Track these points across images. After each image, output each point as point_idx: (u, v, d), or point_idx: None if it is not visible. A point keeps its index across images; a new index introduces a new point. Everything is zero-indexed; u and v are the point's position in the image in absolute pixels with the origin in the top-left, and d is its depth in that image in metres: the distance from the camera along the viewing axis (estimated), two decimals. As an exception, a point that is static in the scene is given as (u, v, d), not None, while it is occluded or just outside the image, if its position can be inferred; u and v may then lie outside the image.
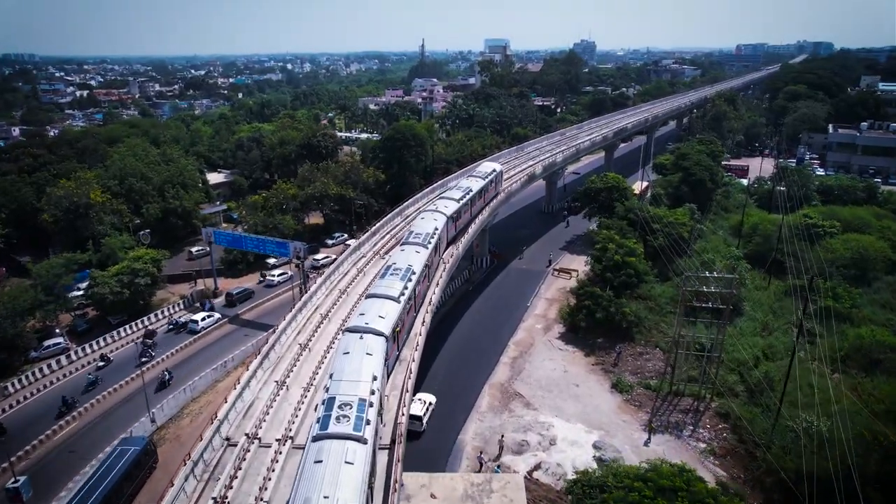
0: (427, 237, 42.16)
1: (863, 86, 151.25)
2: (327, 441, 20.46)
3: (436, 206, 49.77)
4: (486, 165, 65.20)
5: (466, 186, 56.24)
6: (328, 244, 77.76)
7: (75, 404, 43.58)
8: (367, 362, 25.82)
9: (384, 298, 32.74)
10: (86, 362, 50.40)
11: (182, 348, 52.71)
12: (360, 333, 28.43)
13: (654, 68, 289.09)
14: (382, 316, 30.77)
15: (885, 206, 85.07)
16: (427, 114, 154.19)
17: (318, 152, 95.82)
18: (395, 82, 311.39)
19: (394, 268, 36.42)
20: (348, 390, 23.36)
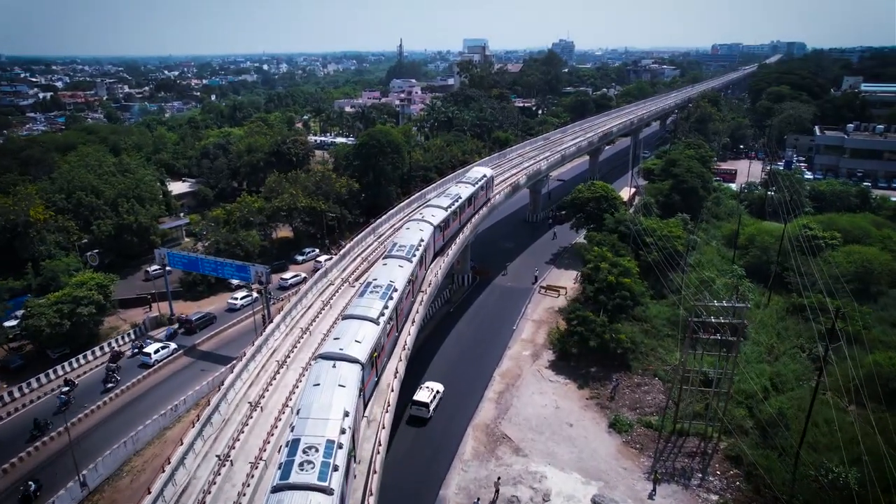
0: (412, 249, 39.81)
1: (845, 87, 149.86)
2: (287, 493, 18.66)
3: (422, 215, 47.11)
4: (476, 170, 62.12)
5: (455, 193, 53.52)
6: (298, 260, 72.26)
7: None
8: (339, 395, 23.77)
9: (362, 320, 30.52)
10: (20, 405, 44.33)
11: (130, 386, 46.89)
12: (333, 361, 26.25)
13: (634, 68, 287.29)
14: (359, 340, 28.58)
15: (878, 212, 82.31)
16: (405, 116, 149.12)
17: (288, 160, 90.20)
18: (373, 83, 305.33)
19: (374, 285, 34.06)
20: (315, 430, 21.21)
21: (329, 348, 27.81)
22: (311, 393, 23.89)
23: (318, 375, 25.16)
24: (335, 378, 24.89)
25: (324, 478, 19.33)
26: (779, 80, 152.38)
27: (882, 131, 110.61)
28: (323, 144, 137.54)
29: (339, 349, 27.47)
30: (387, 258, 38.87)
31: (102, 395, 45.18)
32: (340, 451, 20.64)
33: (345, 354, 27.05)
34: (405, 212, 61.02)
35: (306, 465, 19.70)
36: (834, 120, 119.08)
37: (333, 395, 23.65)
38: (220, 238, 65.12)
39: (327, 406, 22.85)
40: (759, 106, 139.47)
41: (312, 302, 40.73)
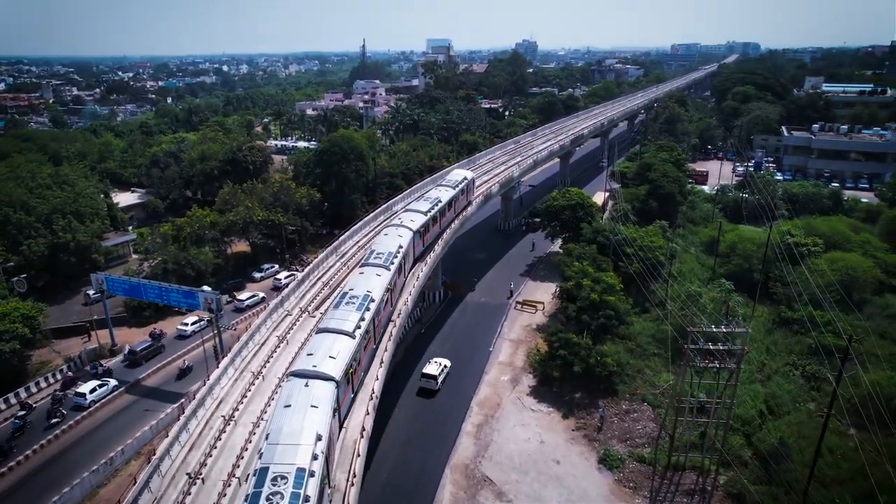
0: (390, 257, 38.41)
1: (807, 87, 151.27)
2: None
3: (401, 220, 45.64)
4: (457, 173, 60.91)
5: (435, 197, 52.22)
6: (256, 278, 67.02)
7: None
8: (311, 418, 22.43)
9: (337, 333, 29.04)
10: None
11: (59, 434, 41.25)
12: (305, 379, 24.80)
13: (598, 68, 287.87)
14: (333, 356, 27.13)
15: (851, 214, 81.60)
16: (369, 119, 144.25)
17: (245, 168, 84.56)
18: (336, 84, 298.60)
19: (350, 296, 32.49)
20: (285, 458, 20.04)
21: (301, 365, 26.15)
22: (281, 415, 22.51)
23: (289, 396, 23.77)
24: (307, 398, 23.52)
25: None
26: (743, 81, 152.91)
27: (846, 132, 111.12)
28: (284, 149, 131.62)
29: (313, 366, 25.99)
30: (364, 266, 37.07)
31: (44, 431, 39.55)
32: (312, 480, 19.43)
33: (318, 372, 25.59)
34: (371, 226, 56.56)
35: (274, 497, 18.42)
36: (799, 120, 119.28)
37: (305, 418, 22.32)
38: (168, 257, 59.45)
39: (298, 430, 21.50)
40: (726, 106, 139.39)
41: (266, 337, 35.96)
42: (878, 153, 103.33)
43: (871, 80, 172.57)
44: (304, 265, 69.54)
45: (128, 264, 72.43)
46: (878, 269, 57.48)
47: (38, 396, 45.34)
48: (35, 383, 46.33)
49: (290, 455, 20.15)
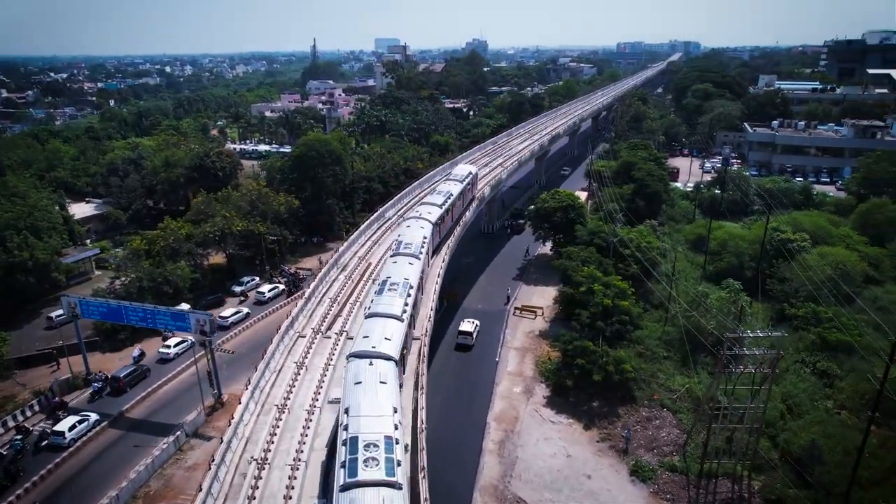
0: (419, 247, 39.83)
1: (761, 85, 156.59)
2: (360, 490, 18.55)
3: (419, 213, 47.04)
4: (462, 168, 62.91)
5: (447, 191, 53.78)
6: (236, 292, 62.96)
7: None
8: (384, 392, 23.60)
9: (387, 318, 29.82)
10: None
11: (38, 482, 36.87)
12: (368, 359, 25.75)
13: (554, 67, 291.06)
14: (388, 338, 28.02)
15: (821, 207, 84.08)
16: (333, 121, 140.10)
17: (214, 175, 79.86)
18: (288, 85, 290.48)
19: (390, 283, 33.26)
20: (370, 427, 20.95)
21: (361, 347, 27.05)
22: (355, 391, 23.53)
23: (356, 374, 24.70)
24: (375, 376, 24.51)
25: (391, 473, 19.20)
26: (701, 79, 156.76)
27: (804, 128, 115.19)
28: (244, 153, 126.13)
29: (372, 347, 26.93)
30: (395, 256, 38.10)
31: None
32: (398, 447, 20.49)
33: (378, 352, 26.49)
34: (367, 234, 53.84)
35: (371, 462, 19.42)
36: (759, 117, 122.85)
37: (378, 392, 23.40)
38: (142, 274, 54.93)
39: (376, 403, 22.61)
40: (687, 104, 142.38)
41: (282, 363, 32.91)
42: (836, 148, 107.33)
43: (818, 77, 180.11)
44: (286, 276, 66.35)
45: (91, 282, 67.36)
46: (864, 262, 58.84)
47: (6, 438, 40.64)
48: (1, 423, 41.48)
49: (375, 425, 20.94)
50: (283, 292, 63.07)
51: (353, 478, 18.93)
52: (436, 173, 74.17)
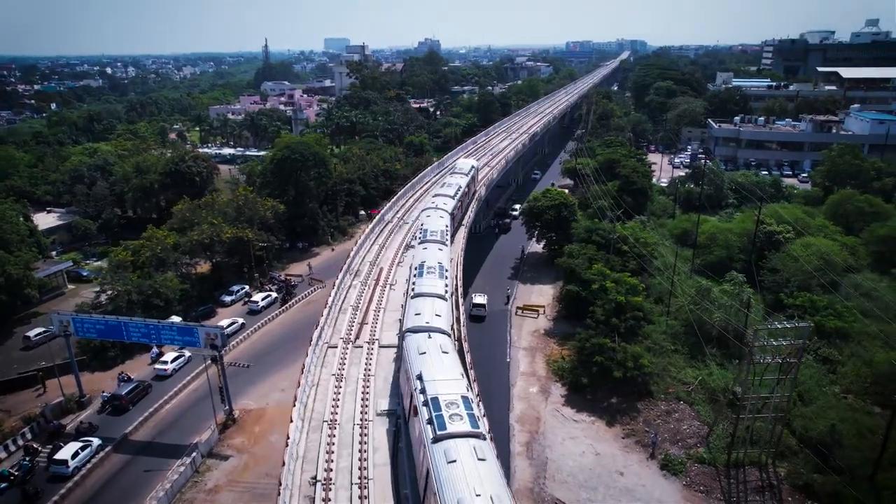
0: (444, 234, 42.56)
1: (719, 82, 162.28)
2: (451, 441, 20.04)
3: (435, 203, 49.77)
4: (463, 162, 66.90)
5: (456, 183, 57.13)
6: (226, 302, 60.54)
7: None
8: (448, 360, 25.62)
9: (433, 297, 31.76)
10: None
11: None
12: (426, 333, 27.78)
13: (511, 66, 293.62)
14: (438, 314, 30.01)
15: (791, 199, 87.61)
16: (300, 123, 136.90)
17: (190, 180, 76.60)
18: (241, 86, 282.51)
19: (427, 266, 35.25)
20: (448, 389, 22.80)
21: (415, 323, 28.76)
22: (422, 360, 25.20)
23: (419, 346, 26.38)
24: (436, 346, 26.35)
25: (475, 426, 20.90)
26: (662, 77, 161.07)
27: (763, 123, 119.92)
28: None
29: (426, 322, 28.72)
30: (424, 243, 40.23)
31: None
32: (475, 404, 22.35)
33: (433, 327, 28.37)
34: (373, 238, 52.57)
35: (455, 417, 21.06)
36: (721, 114, 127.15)
37: (444, 360, 25.27)
38: (130, 286, 52.01)
39: (444, 369, 24.46)
40: (650, 101, 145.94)
41: (318, 378, 31.54)
42: (795, 143, 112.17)
43: (769, 75, 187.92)
44: (276, 283, 64.27)
45: (65, 297, 63.61)
46: (844, 251, 61.47)
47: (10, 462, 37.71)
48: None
49: (451, 387, 22.84)
50: (275, 301, 61.06)
51: (442, 430, 20.41)
52: (425, 174, 73.37)
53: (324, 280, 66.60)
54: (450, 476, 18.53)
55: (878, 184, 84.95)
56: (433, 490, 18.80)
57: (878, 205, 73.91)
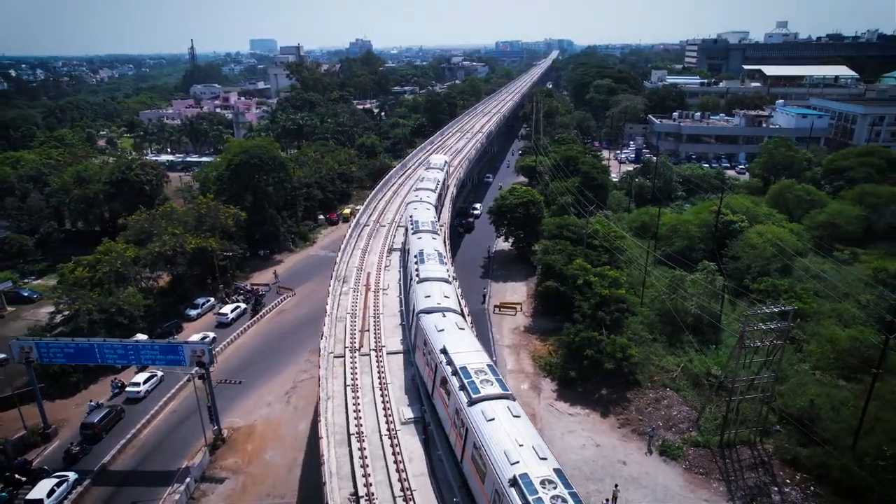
0: (434, 224, 45.26)
1: (654, 79, 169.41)
2: (485, 402, 22.38)
3: (420, 197, 52.13)
4: (437, 158, 70.64)
5: (434, 178, 59.88)
6: (192, 316, 57.53)
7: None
8: (466, 336, 28.09)
9: (439, 281, 33.87)
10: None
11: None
12: (440, 312, 29.79)
13: (448, 66, 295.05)
14: (447, 296, 32.04)
15: (735, 190, 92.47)
16: (243, 126, 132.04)
17: (139, 189, 72.22)
18: (168, 89, 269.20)
19: (426, 254, 37.26)
20: (472, 359, 25.32)
21: (427, 304, 30.70)
22: (442, 336, 27.30)
23: (436, 324, 28.50)
24: (452, 324, 28.68)
25: (504, 388, 23.67)
26: (600, 75, 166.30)
27: (699, 118, 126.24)
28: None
29: (437, 303, 30.80)
30: (418, 233, 42.18)
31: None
32: (499, 373, 24.93)
33: (445, 307, 30.48)
34: (357, 241, 51.21)
35: (486, 383, 23.56)
36: (660, 109, 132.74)
37: (462, 336, 27.76)
38: (91, 304, 48.41)
39: (464, 343, 27.03)
40: (591, 99, 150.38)
41: (333, 391, 30.37)
42: (731, 136, 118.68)
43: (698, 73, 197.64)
44: (243, 294, 61.72)
45: (5, 320, 58.60)
46: (793, 237, 65.55)
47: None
48: None
49: (476, 357, 25.56)
50: (245, 312, 58.62)
51: (477, 394, 22.75)
52: (391, 176, 72.55)
53: (293, 288, 64.72)
54: (491, 432, 20.87)
55: (809, 173, 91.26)
56: (476, 445, 21.15)
57: (814, 193, 79.32)
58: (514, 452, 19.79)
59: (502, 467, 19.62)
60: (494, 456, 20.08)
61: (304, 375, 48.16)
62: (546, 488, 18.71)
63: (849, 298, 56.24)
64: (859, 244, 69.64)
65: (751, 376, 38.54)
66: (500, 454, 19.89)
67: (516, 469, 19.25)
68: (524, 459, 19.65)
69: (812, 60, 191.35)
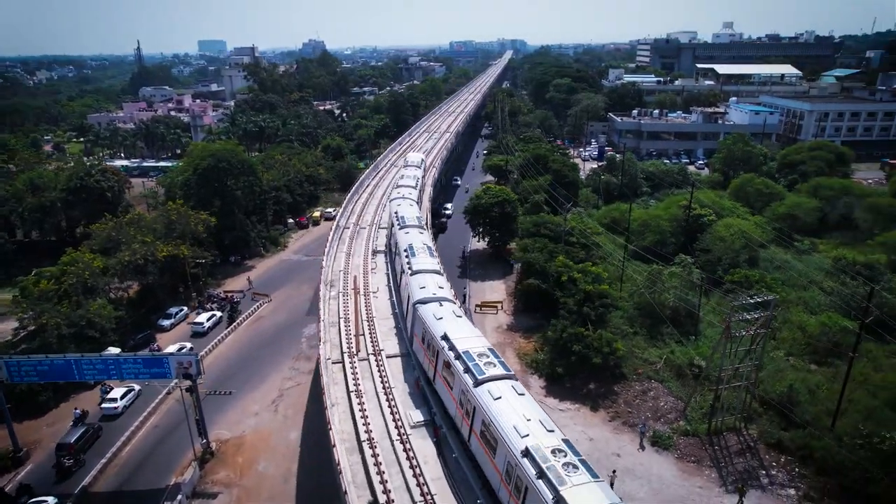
0: (420, 219, 47.15)
1: (612, 78, 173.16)
2: (490, 383, 24.05)
3: (402, 194, 53.51)
4: (414, 156, 73.26)
5: (413, 175, 62.47)
6: (165, 326, 55.48)
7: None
8: (465, 323, 29.89)
9: (431, 273, 35.68)
10: None
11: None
12: (437, 301, 31.53)
13: (406, 66, 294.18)
14: (441, 286, 34.01)
15: (697, 185, 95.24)
16: (202, 130, 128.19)
17: (100, 196, 69.15)
18: (114, 92, 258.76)
19: (415, 247, 38.83)
20: (473, 344, 26.95)
21: (423, 295, 32.23)
22: (441, 324, 28.94)
23: (434, 312, 30.10)
24: (450, 311, 30.40)
25: (507, 369, 25.52)
26: (560, 74, 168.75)
27: (658, 115, 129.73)
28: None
29: (433, 293, 32.45)
30: (405, 228, 43.54)
31: None
32: (500, 356, 26.68)
33: (440, 296, 32.26)
34: (345, 245, 50.35)
35: (489, 365, 25.22)
36: (620, 107, 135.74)
37: (461, 322, 29.53)
38: (59, 318, 46.02)
39: (464, 329, 28.73)
40: (552, 98, 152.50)
41: (337, 398, 29.73)
42: (689, 133, 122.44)
43: (652, 71, 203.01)
44: (216, 301, 59.98)
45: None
46: (758, 229, 68.10)
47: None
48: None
49: (476, 342, 27.19)
50: (220, 320, 56.93)
51: (482, 375, 24.40)
52: (365, 177, 71.82)
53: (269, 294, 63.26)
54: (499, 409, 22.38)
55: (765, 168, 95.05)
56: (485, 423, 22.69)
57: (772, 186, 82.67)
58: (524, 426, 21.38)
59: (514, 440, 21.03)
60: (505, 431, 21.50)
61: (290, 383, 47.16)
62: (557, 457, 20.25)
63: (813, 286, 58.95)
64: (816, 234, 73.01)
65: (735, 365, 39.79)
66: (511, 429, 21.41)
67: (527, 441, 20.72)
68: (533, 432, 21.25)
69: (757, 60, 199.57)
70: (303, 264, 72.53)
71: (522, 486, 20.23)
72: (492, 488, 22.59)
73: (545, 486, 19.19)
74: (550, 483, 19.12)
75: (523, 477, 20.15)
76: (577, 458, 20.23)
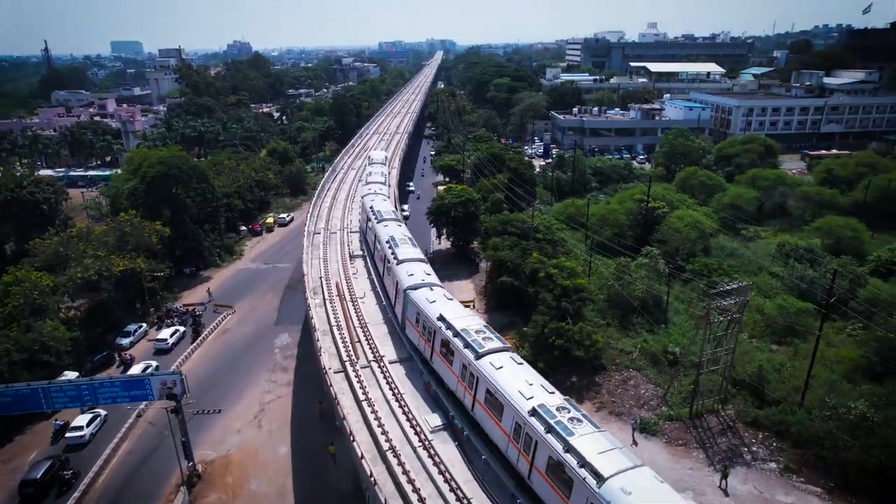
0: (396, 213, 49.12)
1: (550, 77, 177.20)
2: (491, 355, 26.28)
3: (374, 190, 55.31)
4: (377, 153, 75.43)
5: (380, 171, 64.46)
6: (124, 345, 52.14)
7: None
8: (457, 304, 31.97)
9: (417, 261, 37.91)
10: None
11: None
12: (427, 287, 33.67)
13: (340, 67, 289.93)
14: (428, 273, 36.17)
15: (642, 179, 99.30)
16: (135, 136, 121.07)
17: (34, 208, 64.10)
18: (21, 96, 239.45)
19: (397, 239, 41.09)
20: (469, 322, 29.12)
21: (412, 282, 34.14)
22: (435, 306, 30.87)
23: (426, 297, 32.16)
24: (440, 295, 32.73)
25: (504, 343, 27.85)
26: (499, 74, 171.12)
27: (597, 112, 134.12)
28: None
29: (422, 280, 34.64)
30: (385, 221, 45.43)
31: None
32: (495, 332, 28.62)
33: (429, 282, 34.49)
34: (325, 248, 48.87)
35: (486, 340, 27.38)
36: (561, 106, 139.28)
37: (450, 304, 31.58)
38: (8, 344, 42.27)
39: (457, 309, 31.01)
40: (493, 97, 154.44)
41: (346, 407, 28.85)
42: (629, 129, 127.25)
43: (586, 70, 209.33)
44: (178, 315, 57.11)
45: None
46: (708, 219, 71.74)
47: None
48: None
49: (471, 321, 29.59)
50: (184, 335, 54.16)
51: (481, 349, 26.43)
52: (325, 181, 70.30)
53: (232, 305, 60.76)
54: (502, 378, 24.51)
55: (704, 161, 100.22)
56: (490, 391, 24.70)
57: (714, 178, 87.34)
58: (528, 390, 23.80)
59: (520, 403, 23.27)
60: (511, 395, 23.67)
61: (270, 396, 45.48)
62: (562, 413, 22.65)
63: (763, 271, 62.75)
64: (756, 222, 77.68)
65: (713, 350, 41.74)
66: (516, 393, 23.70)
67: (533, 402, 23.11)
68: (537, 395, 23.71)
69: (682, 58, 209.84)
70: (262, 273, 70.10)
71: (532, 442, 22.23)
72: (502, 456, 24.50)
73: (554, 439, 21.42)
74: (559, 435, 21.38)
75: (532, 433, 22.24)
76: (580, 413, 22.78)
